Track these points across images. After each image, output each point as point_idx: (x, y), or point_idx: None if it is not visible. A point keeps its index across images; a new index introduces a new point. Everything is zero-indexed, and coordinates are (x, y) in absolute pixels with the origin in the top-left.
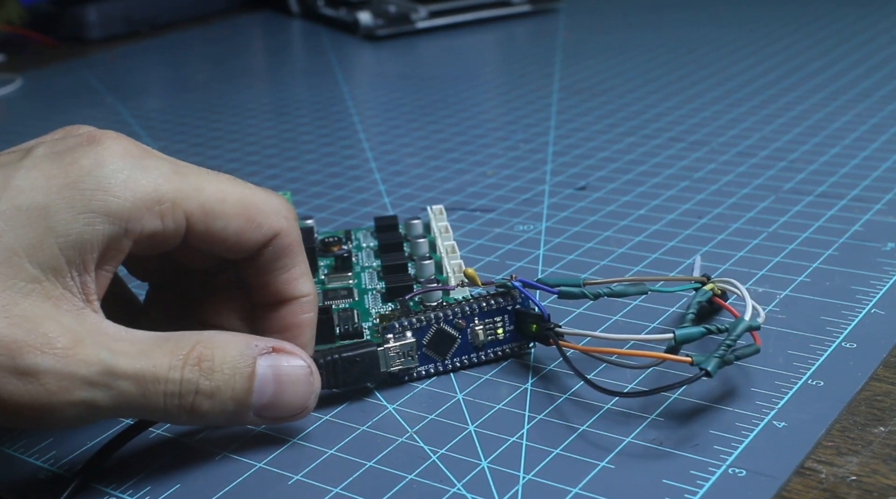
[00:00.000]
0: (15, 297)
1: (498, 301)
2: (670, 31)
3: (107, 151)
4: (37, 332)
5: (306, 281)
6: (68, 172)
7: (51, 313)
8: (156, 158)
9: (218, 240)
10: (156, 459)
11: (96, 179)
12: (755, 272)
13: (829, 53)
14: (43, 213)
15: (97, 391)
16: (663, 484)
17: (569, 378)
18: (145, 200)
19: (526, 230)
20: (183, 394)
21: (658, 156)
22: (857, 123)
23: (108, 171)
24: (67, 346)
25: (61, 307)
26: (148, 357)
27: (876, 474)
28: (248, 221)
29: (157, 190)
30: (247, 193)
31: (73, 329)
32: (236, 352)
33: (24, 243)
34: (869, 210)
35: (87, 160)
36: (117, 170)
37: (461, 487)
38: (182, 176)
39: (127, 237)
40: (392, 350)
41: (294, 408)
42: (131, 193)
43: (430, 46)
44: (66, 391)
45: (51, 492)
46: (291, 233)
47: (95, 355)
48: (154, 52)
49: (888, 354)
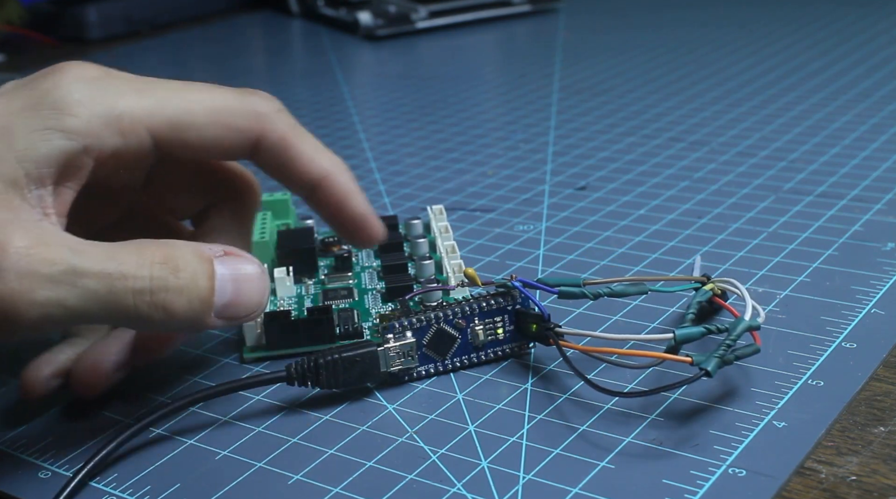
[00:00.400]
0: None
1: (498, 301)
2: (670, 31)
3: (66, 75)
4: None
5: (321, 156)
6: (29, 96)
7: (11, 220)
8: (118, 79)
9: (198, 150)
10: (156, 459)
11: (53, 100)
12: (755, 272)
13: (829, 53)
14: (4, 132)
15: (61, 290)
16: (663, 484)
17: (569, 378)
18: (102, 117)
19: (526, 230)
20: (154, 290)
21: (658, 156)
22: (857, 123)
23: (64, 92)
24: (29, 245)
25: (21, 216)
26: (113, 258)
27: (876, 474)
28: (225, 128)
29: (114, 107)
30: (217, 99)
31: (34, 232)
32: (194, 255)
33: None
34: (869, 210)
35: (46, 84)
36: (74, 90)
37: (461, 487)
38: (144, 92)
39: (86, 154)
40: (392, 350)
41: (250, 307)
42: (87, 111)
43: (430, 46)
44: (30, 290)
45: (51, 492)
46: (277, 126)
47: (59, 255)
48: (154, 52)
49: (888, 354)
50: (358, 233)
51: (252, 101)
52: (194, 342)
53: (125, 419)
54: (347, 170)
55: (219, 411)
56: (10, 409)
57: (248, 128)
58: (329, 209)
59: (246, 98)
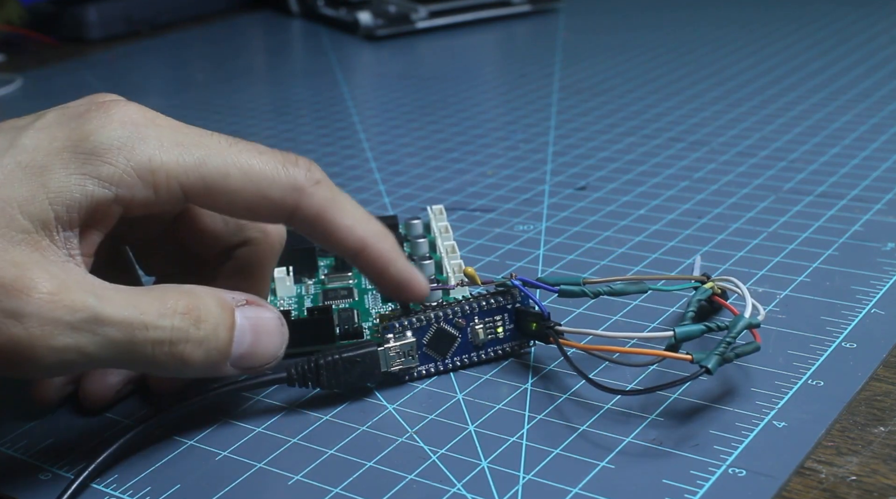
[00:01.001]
0: (5, 244)
1: (498, 300)
2: (670, 31)
3: (111, 117)
4: (24, 277)
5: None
6: (69, 136)
7: (38, 261)
8: (160, 128)
9: (230, 213)
10: (156, 459)
11: (93, 145)
12: (755, 272)
13: (829, 53)
14: (40, 171)
15: (82, 337)
16: (663, 484)
17: (569, 378)
18: (138, 169)
19: (526, 230)
20: (173, 342)
21: (658, 156)
22: (857, 123)
23: (104, 137)
24: (53, 291)
25: (48, 257)
26: (135, 305)
27: (876, 474)
28: (260, 197)
29: (151, 159)
30: (256, 165)
31: (60, 277)
32: (217, 303)
33: (18, 197)
34: (869, 210)
35: (89, 126)
36: (115, 137)
37: (461, 487)
38: (183, 147)
39: (117, 203)
40: (392, 350)
41: (267, 357)
42: (124, 161)
43: (430, 46)
44: (50, 336)
45: (51, 493)
46: (314, 200)
47: (81, 301)
48: (154, 52)
49: (888, 354)
50: (402, 294)
51: (292, 174)
52: None
53: (125, 420)
54: (387, 235)
55: (219, 411)
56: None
57: (284, 200)
58: (371, 275)
59: (287, 169)
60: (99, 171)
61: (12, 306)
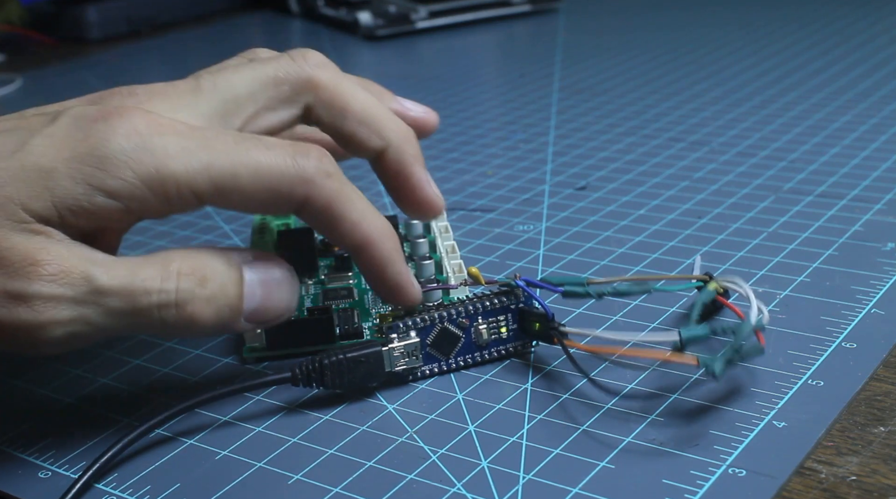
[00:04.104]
0: (7, 232)
1: (501, 300)
2: (670, 31)
3: (115, 129)
4: (26, 258)
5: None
6: (77, 146)
7: (41, 243)
8: (164, 136)
9: (244, 209)
10: (156, 459)
11: (100, 157)
12: (755, 272)
13: (829, 53)
14: (46, 175)
15: (86, 310)
16: (663, 484)
17: (569, 378)
18: (147, 180)
19: (526, 230)
20: (179, 303)
21: (658, 156)
22: (857, 123)
23: (111, 150)
24: (55, 269)
25: (51, 239)
26: (136, 273)
27: (876, 474)
28: (269, 193)
29: (159, 171)
30: (265, 161)
31: (62, 255)
32: (222, 262)
33: (22, 195)
34: (869, 210)
35: (97, 137)
36: (120, 150)
37: (461, 487)
38: (190, 153)
39: (127, 212)
40: (396, 350)
41: (279, 311)
42: (132, 173)
43: (430, 46)
44: (56, 313)
45: (51, 492)
46: (323, 192)
47: (83, 275)
48: (154, 52)
49: (888, 355)
50: (395, 298)
51: (301, 166)
52: (194, 342)
53: (125, 419)
54: (391, 236)
55: (219, 411)
56: (10, 409)
57: (292, 193)
58: (368, 274)
59: (296, 161)
60: (106, 184)
61: (17, 287)
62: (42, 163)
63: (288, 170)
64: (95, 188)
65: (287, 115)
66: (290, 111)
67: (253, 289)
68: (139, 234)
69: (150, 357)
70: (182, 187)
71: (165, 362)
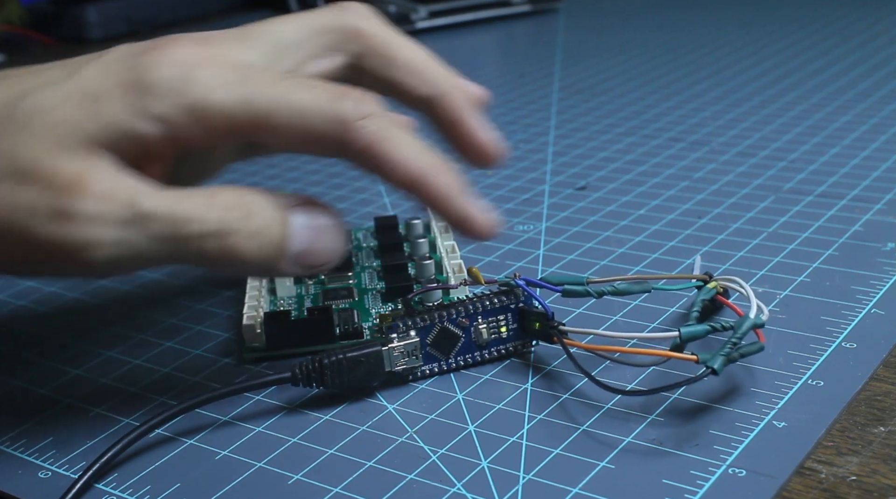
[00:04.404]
0: (56, 152)
1: (501, 300)
2: (670, 31)
3: (163, 58)
4: (74, 179)
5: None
6: (125, 74)
7: (88, 165)
8: (210, 67)
9: (280, 147)
10: (155, 459)
11: (146, 83)
12: (755, 272)
13: (829, 53)
14: (94, 100)
15: (130, 234)
16: (663, 484)
17: (569, 378)
18: (188, 109)
19: (526, 230)
20: (221, 234)
21: (658, 156)
22: (857, 123)
23: (157, 76)
24: (102, 190)
25: (98, 164)
26: (181, 202)
27: (876, 474)
28: (305, 132)
29: (200, 101)
30: (301, 101)
31: (109, 177)
32: (269, 202)
33: (72, 118)
34: (869, 210)
35: (144, 66)
36: (166, 77)
37: (461, 487)
38: (232, 86)
39: (168, 140)
40: (396, 350)
41: (325, 256)
42: (173, 101)
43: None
44: (101, 233)
45: (50, 492)
46: (361, 133)
47: (129, 199)
48: None
49: (888, 355)
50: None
51: (338, 107)
52: (194, 342)
53: (125, 419)
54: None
55: (219, 411)
56: (10, 409)
57: (328, 134)
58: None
59: (333, 103)
60: (151, 111)
61: (63, 205)
62: (91, 89)
63: (324, 110)
64: (141, 114)
65: (334, 62)
66: (337, 59)
67: (299, 231)
68: None
69: (150, 357)
70: (222, 119)
71: (165, 362)
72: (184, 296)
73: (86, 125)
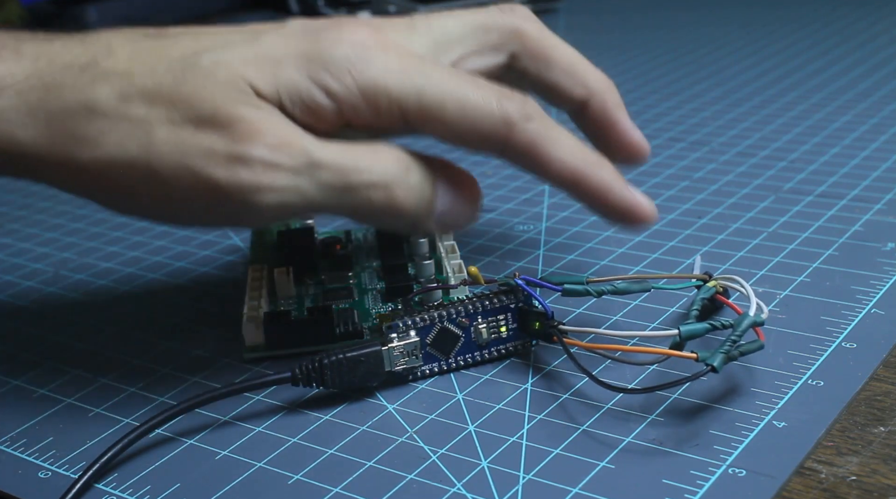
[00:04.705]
0: (234, 102)
1: (501, 299)
2: (670, 31)
3: (346, 37)
4: (251, 126)
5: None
6: (306, 47)
7: (263, 115)
8: (386, 52)
9: (443, 139)
10: (156, 459)
11: (325, 58)
12: (755, 272)
13: (829, 53)
14: (274, 63)
15: (301, 180)
16: (663, 484)
17: (569, 378)
18: (362, 89)
19: (526, 230)
20: (388, 185)
21: (658, 156)
22: (857, 123)
23: (336, 53)
24: (277, 138)
25: (272, 115)
26: (349, 153)
27: (876, 474)
28: (472, 129)
29: (376, 83)
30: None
31: (283, 128)
32: (421, 161)
33: (251, 76)
34: (869, 210)
35: (323, 41)
36: (344, 56)
37: (461, 487)
38: (406, 74)
39: (338, 114)
40: (396, 349)
41: (466, 216)
42: (350, 79)
43: None
44: (274, 177)
45: (50, 492)
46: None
47: (301, 148)
48: None
49: (888, 355)
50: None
51: (505, 108)
52: (194, 342)
53: (125, 419)
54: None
55: (219, 411)
56: (10, 409)
57: (494, 133)
58: (593, 208)
59: (501, 103)
60: (327, 83)
61: (241, 151)
62: (272, 53)
63: (492, 110)
64: (317, 84)
65: (493, 61)
66: (496, 58)
67: (444, 192)
68: (139, 233)
69: (150, 357)
70: (392, 104)
71: (165, 362)
72: (184, 296)
73: (266, 82)
